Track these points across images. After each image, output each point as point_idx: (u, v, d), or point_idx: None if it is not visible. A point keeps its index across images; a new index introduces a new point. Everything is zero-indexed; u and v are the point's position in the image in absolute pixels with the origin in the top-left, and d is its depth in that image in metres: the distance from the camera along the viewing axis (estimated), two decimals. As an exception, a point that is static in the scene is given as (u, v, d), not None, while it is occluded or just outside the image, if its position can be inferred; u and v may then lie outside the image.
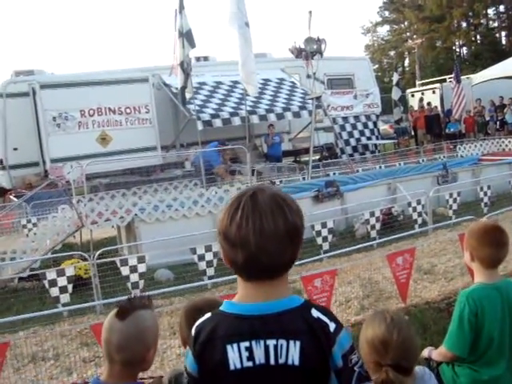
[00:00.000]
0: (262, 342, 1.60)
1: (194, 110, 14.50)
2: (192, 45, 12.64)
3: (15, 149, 15.34)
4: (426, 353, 3.08)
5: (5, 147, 15.28)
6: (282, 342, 1.59)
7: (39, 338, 5.90)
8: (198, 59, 18.72)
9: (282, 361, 1.59)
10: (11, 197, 14.84)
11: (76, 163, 11.74)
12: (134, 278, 7.03)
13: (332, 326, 1.62)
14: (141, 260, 7.07)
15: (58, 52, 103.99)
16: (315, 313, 1.63)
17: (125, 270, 7.01)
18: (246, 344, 1.61)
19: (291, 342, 1.59)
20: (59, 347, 5.62)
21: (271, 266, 1.61)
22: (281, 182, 12.76)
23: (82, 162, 11.28)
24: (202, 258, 7.41)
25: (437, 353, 2.99)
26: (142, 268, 7.06)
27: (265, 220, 1.56)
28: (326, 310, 1.68)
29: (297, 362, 1.58)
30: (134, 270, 7.03)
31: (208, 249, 7.44)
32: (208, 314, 1.71)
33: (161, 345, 5.63)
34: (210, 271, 7.42)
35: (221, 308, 1.70)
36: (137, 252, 8.04)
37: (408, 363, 2.20)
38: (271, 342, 1.60)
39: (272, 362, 1.60)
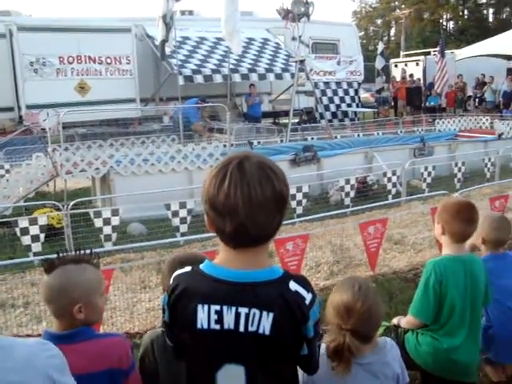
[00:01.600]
0: (233, 309, 1.62)
1: (176, 64, 14.27)
2: (177, -2, 12.35)
3: (-10, 92, 14.94)
4: (395, 321, 3.20)
5: (-20, 91, 14.88)
6: (255, 311, 1.61)
7: (9, 286, 5.90)
8: (182, 13, 18.36)
9: (252, 329, 1.62)
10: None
11: (53, 111, 11.50)
12: (107, 230, 7.02)
13: (308, 298, 1.64)
14: (114, 213, 7.05)
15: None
16: (293, 285, 1.64)
17: (98, 222, 6.99)
18: (217, 307, 1.63)
19: (264, 313, 1.61)
20: (29, 295, 5.61)
21: (258, 236, 1.62)
22: (259, 143, 12.72)
23: (58, 110, 11.06)
24: (175, 214, 7.41)
25: (404, 321, 3.10)
26: (115, 221, 7.04)
27: (253, 189, 1.56)
28: (303, 281, 1.69)
29: (267, 332, 1.61)
30: (107, 222, 7.01)
31: (182, 205, 7.43)
32: (188, 268, 1.73)
33: (131, 298, 5.68)
34: (184, 228, 7.44)
35: (201, 266, 1.72)
36: (111, 204, 8.00)
37: (368, 331, 2.28)
38: (243, 310, 1.62)
39: (241, 328, 1.62)
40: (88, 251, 2.16)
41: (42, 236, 6.79)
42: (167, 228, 7.53)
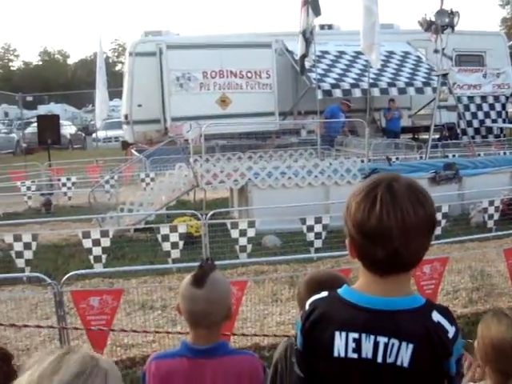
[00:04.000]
0: (372, 337, 1.54)
1: (315, 78, 14.27)
2: (317, 13, 12.35)
3: (139, 105, 15.94)
4: None
5: (130, 103, 15.94)
6: (394, 341, 1.52)
7: (149, 288, 6.19)
8: (322, 27, 18.33)
9: (390, 360, 1.52)
10: (133, 151, 15.57)
11: (195, 123, 12.00)
12: (243, 241, 7.15)
13: (451, 332, 1.53)
14: (251, 224, 7.15)
15: (185, 13, 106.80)
16: (436, 316, 1.54)
17: (234, 233, 7.13)
18: (355, 335, 1.55)
19: (403, 344, 1.51)
20: (167, 299, 5.84)
21: (410, 262, 1.54)
22: (397, 158, 12.32)
23: (201, 122, 11.51)
24: (310, 228, 7.37)
25: None
26: (251, 232, 7.15)
27: (406, 213, 1.46)
28: (447, 312, 1.58)
29: (406, 364, 1.50)
30: (243, 233, 7.13)
31: (318, 220, 7.38)
32: (325, 293, 1.66)
33: (262, 310, 5.70)
34: (318, 243, 7.38)
35: (339, 291, 1.64)
36: (247, 216, 8.14)
37: None
38: (382, 340, 1.53)
39: (379, 359, 1.53)
40: (209, 258, 2.14)
41: (181, 243, 7.06)
42: (301, 242, 7.51)
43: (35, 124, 17.78)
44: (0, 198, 12.00)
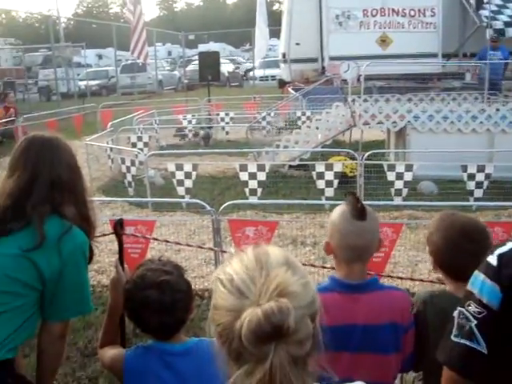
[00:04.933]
0: None
1: (488, 16, 13.12)
2: None
3: (297, 44, 15.85)
4: None
5: (288, 42, 15.92)
6: None
7: (301, 224, 6.31)
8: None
9: None
10: (289, 89, 15.67)
11: (353, 63, 11.71)
12: (399, 185, 6.98)
13: None
14: (408, 168, 6.95)
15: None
16: None
17: (390, 176, 6.98)
18: None
19: None
20: (317, 236, 5.91)
21: None
22: None
23: (359, 62, 11.21)
24: (471, 177, 7.00)
25: None
26: (408, 176, 6.95)
27: None
28: None
29: None
30: (399, 177, 6.96)
31: (480, 169, 6.98)
32: None
33: (414, 256, 5.59)
34: (478, 193, 7.01)
35: None
36: (404, 160, 7.91)
37: None
38: None
39: None
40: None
41: (336, 182, 7.06)
42: (460, 191, 7.16)
43: (196, 62, 18.50)
44: (163, 131, 12.82)
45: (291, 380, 0.99)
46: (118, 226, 2.51)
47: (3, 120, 12.05)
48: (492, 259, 1.50)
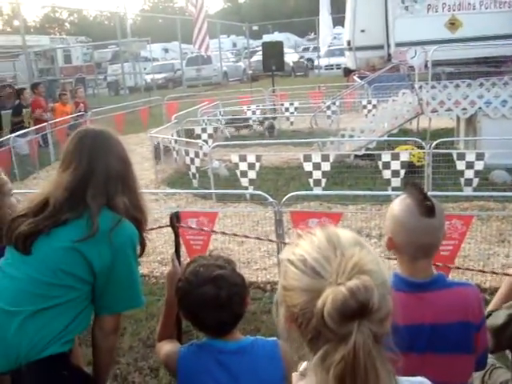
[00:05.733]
0: None
1: None
2: None
3: (362, 31, 15.50)
4: None
5: (353, 29, 15.58)
6: None
7: (367, 215, 6.18)
8: None
9: None
10: (355, 77, 15.41)
11: (421, 48, 11.34)
12: (469, 174, 6.71)
13: None
14: (479, 157, 6.66)
15: None
16: None
17: (460, 165, 6.72)
18: None
19: None
20: (383, 228, 5.75)
21: None
22: None
23: (426, 48, 10.85)
24: (548, 165, 6.62)
25: None
26: (479, 165, 6.67)
27: None
28: None
29: None
30: (470, 166, 6.68)
31: (557, 156, 6.58)
32: None
33: (485, 250, 5.37)
34: (554, 181, 6.61)
35: None
36: (474, 148, 7.61)
37: None
38: None
39: None
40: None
41: (402, 172, 6.87)
42: (536, 179, 6.80)
43: (260, 53, 18.50)
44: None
45: (374, 358, 1.00)
46: (174, 219, 2.47)
47: (74, 115, 12.46)
48: None
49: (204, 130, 10.17)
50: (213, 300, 1.86)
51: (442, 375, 1.80)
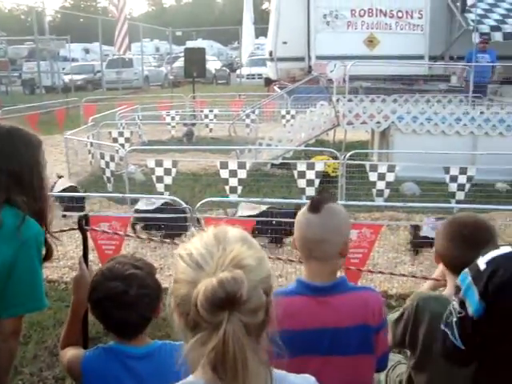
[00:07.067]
0: None
1: (474, 19, 13.15)
2: None
3: (284, 42, 15.76)
4: None
5: (276, 40, 15.81)
6: None
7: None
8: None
9: None
10: (275, 87, 15.59)
11: (340, 62, 11.66)
12: (381, 185, 6.93)
13: None
14: (391, 169, 6.90)
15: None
16: None
17: (372, 176, 6.93)
18: None
19: None
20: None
21: None
22: None
23: (346, 62, 11.17)
24: (453, 179, 6.95)
25: None
26: (390, 177, 6.90)
27: None
28: None
29: None
30: (381, 177, 6.90)
31: (462, 171, 6.93)
32: (508, 249, 1.45)
33: (393, 258, 5.59)
34: (460, 195, 6.98)
35: None
36: (387, 160, 7.87)
37: None
38: None
39: None
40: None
41: (317, 181, 6.99)
42: (442, 192, 7.15)
43: (183, 59, 18.40)
44: (146, 126, 12.70)
45: (244, 348, 1.03)
46: (83, 221, 2.41)
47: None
48: (481, 263, 1.45)
49: (121, 134, 9.94)
50: (120, 296, 1.83)
51: (347, 375, 1.88)
